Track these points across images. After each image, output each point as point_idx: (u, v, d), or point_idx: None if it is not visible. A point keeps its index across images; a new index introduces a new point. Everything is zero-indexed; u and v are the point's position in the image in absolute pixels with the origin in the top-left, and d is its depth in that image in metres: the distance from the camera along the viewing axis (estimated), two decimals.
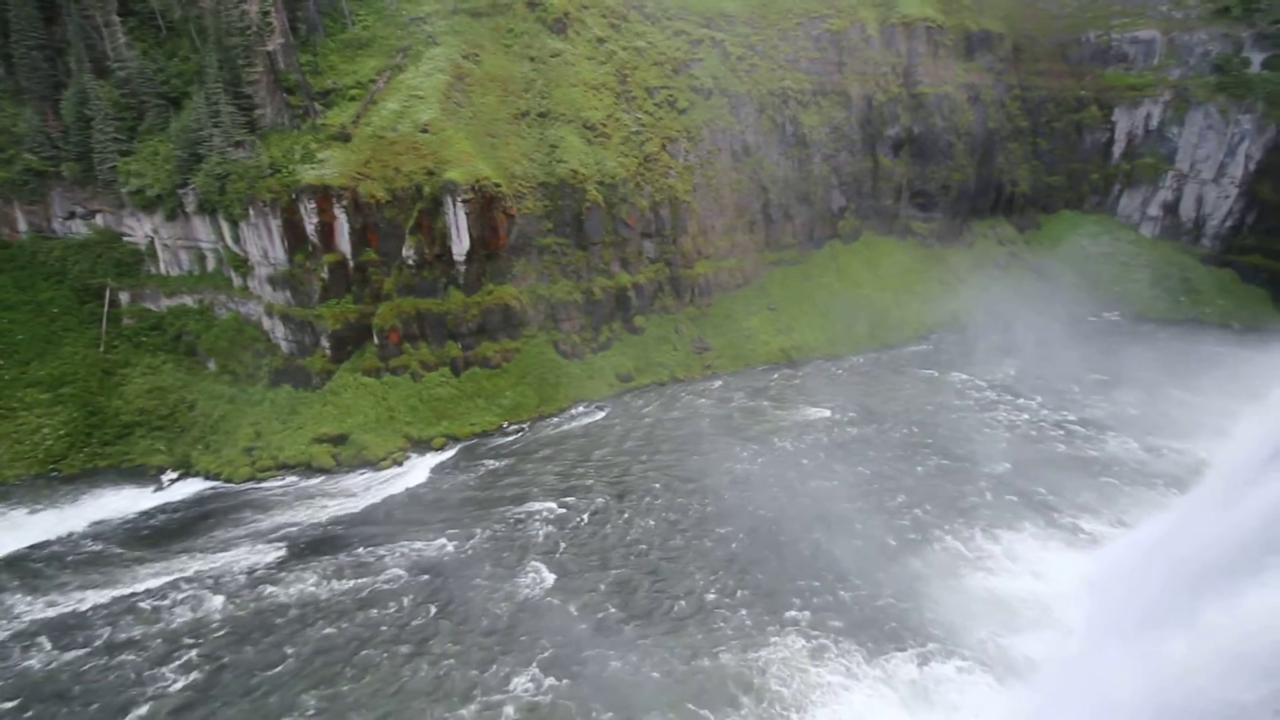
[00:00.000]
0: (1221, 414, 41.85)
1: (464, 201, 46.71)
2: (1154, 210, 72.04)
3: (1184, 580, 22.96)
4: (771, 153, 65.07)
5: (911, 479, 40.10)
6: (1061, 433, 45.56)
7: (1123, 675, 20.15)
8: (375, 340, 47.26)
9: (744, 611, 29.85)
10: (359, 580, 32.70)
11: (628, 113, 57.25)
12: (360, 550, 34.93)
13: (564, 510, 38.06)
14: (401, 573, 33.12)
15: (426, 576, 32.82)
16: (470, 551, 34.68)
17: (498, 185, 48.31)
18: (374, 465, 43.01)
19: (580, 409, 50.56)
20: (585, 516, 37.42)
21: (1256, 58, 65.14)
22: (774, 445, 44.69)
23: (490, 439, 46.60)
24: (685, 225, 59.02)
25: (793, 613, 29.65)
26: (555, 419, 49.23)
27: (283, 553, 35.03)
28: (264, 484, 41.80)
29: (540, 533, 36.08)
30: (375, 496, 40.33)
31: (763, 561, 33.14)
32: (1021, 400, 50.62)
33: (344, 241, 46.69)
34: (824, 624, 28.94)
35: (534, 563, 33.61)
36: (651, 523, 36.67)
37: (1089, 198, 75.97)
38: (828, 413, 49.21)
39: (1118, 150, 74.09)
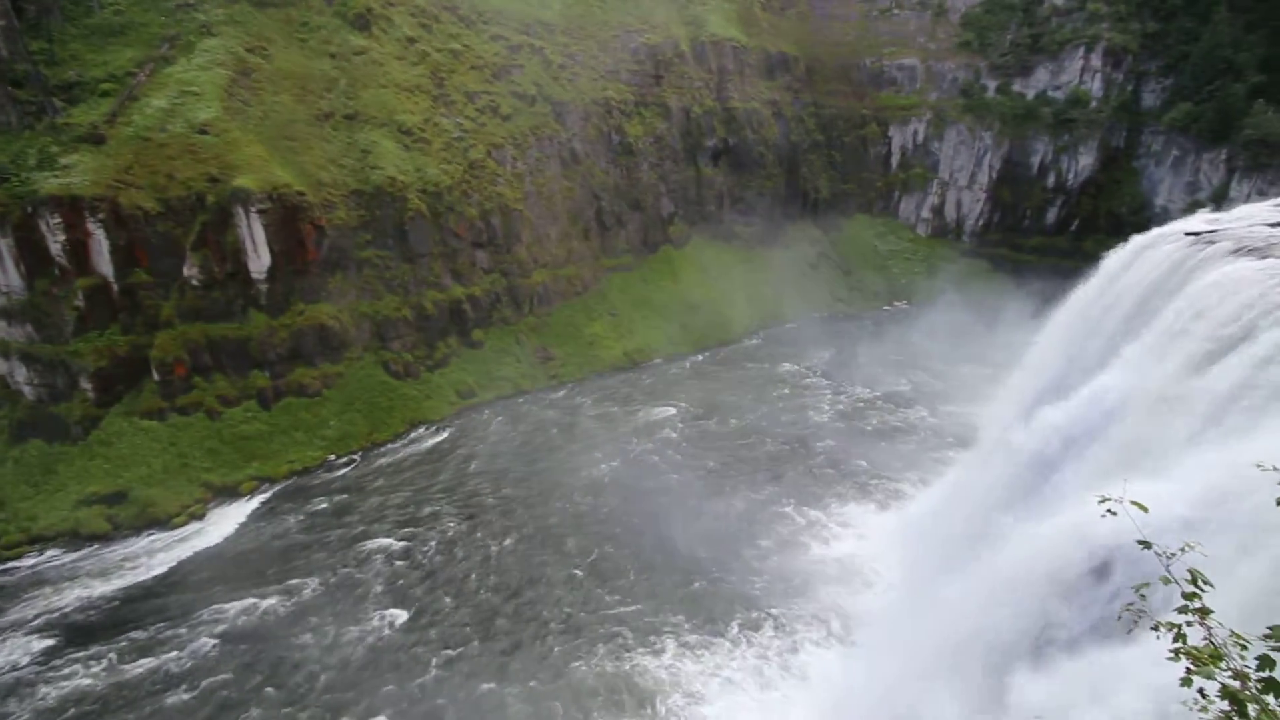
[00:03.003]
0: (988, 381, 49.36)
1: (260, 212, 41.35)
2: (926, 213, 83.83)
3: (959, 529, 26.56)
4: (600, 161, 65.92)
5: (752, 464, 42.43)
6: (872, 409, 51.04)
7: (921, 620, 22.62)
8: (155, 376, 40.04)
9: (608, 618, 29.35)
10: (157, 660, 27.35)
11: (447, 117, 54.64)
12: (155, 625, 29.29)
13: (409, 543, 34.99)
14: (213, 643, 28.24)
15: (245, 643, 28.27)
16: (300, 605, 30.50)
17: (301, 194, 43.47)
18: (164, 524, 36.36)
19: (420, 432, 47.08)
20: (434, 546, 34.70)
21: (991, 84, 78.52)
22: (625, 447, 44.93)
23: (315, 475, 41.63)
24: (519, 234, 57.64)
25: (657, 612, 29.68)
26: (392, 445, 45.33)
27: (49, 643, 28.48)
28: (14, 563, 33.64)
29: (384, 571, 32.79)
30: (171, 559, 34.16)
31: (622, 565, 32.93)
32: (838, 382, 56.03)
33: (103, 262, 39.12)
34: (684, 617, 29.31)
35: (380, 604, 30.42)
36: (507, 543, 34.94)
37: (876, 203, 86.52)
38: (673, 410, 50.62)
39: (894, 161, 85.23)
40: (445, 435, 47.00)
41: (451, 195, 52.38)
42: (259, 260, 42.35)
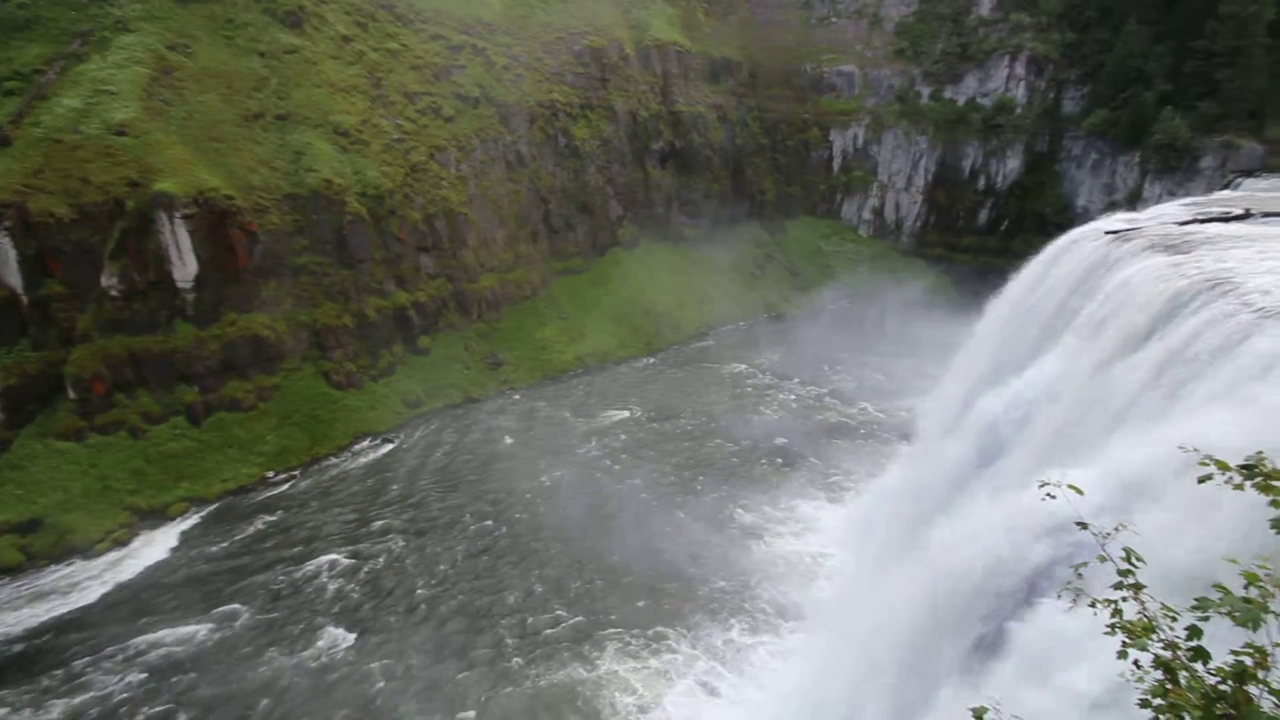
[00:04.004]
0: (928, 376, 51.18)
1: (185, 217, 39.21)
2: (867, 214, 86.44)
3: (902, 518, 27.26)
4: (547, 164, 65.36)
5: (704, 465, 42.67)
6: (820, 405, 52.18)
7: (866, 617, 23.03)
8: (71, 394, 37.39)
9: (566, 627, 28.91)
10: (76, 700, 25.44)
11: (386, 118, 53.13)
12: (80, 661, 27.30)
13: (355, 560, 33.66)
14: (140, 677, 26.46)
15: (176, 676, 26.59)
16: (236, 632, 28.93)
17: (230, 198, 41.45)
18: (86, 552, 33.94)
19: (364, 444, 45.49)
20: (382, 562, 33.50)
21: (925, 91, 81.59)
22: (578, 453, 44.54)
23: (252, 494, 39.67)
24: (465, 238, 56.53)
25: (613, 616, 29.42)
26: (335, 459, 43.65)
27: None
28: None
29: (329, 590, 31.44)
30: (94, 590, 31.93)
31: (578, 573, 32.51)
32: (786, 381, 57.04)
33: (10, 272, 36.34)
34: (633, 621, 29.12)
35: (324, 626, 29.11)
36: (459, 556, 34.05)
37: (820, 205, 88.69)
38: (626, 414, 50.50)
39: (836, 165, 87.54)
40: (393, 446, 45.58)
41: (393, 199, 50.94)
42: (184, 268, 40.12)
